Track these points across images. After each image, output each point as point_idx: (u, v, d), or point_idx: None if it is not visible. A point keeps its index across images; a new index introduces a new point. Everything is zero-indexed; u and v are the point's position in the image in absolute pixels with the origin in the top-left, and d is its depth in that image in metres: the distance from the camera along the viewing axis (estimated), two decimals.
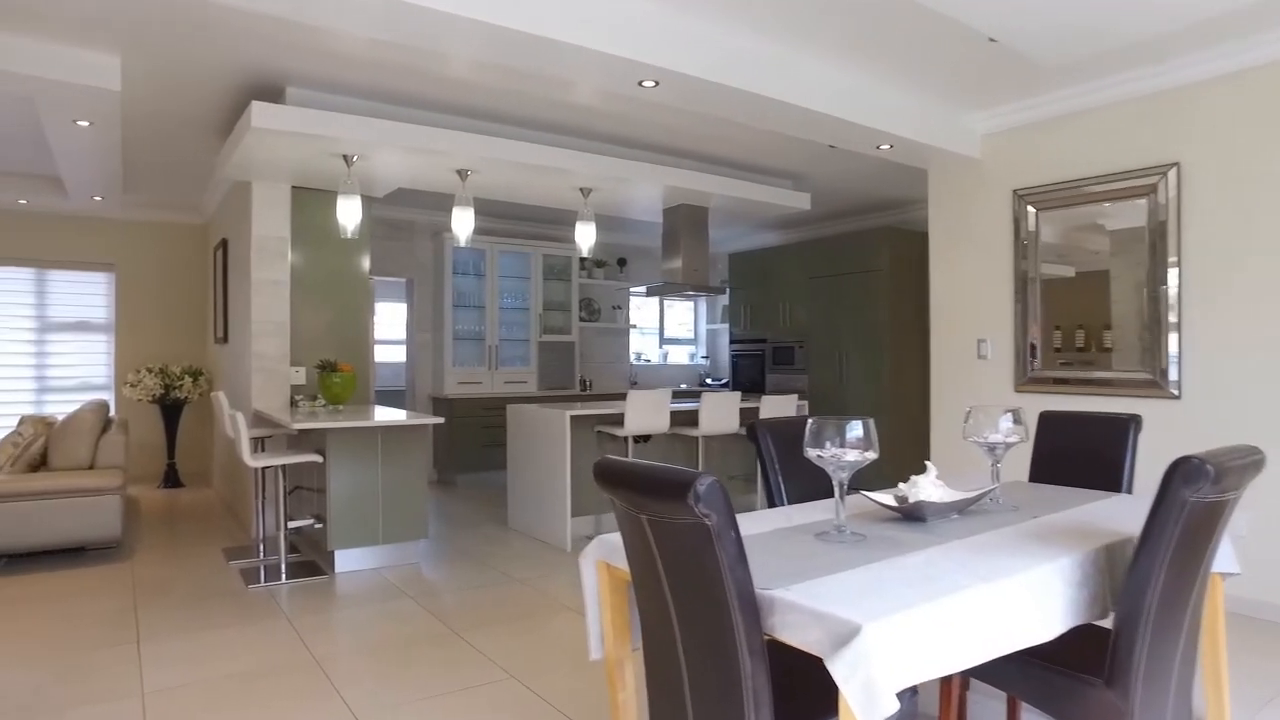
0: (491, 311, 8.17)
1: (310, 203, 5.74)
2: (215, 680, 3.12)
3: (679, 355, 10.46)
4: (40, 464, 5.13)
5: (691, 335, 10.66)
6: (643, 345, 10.10)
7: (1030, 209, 4.68)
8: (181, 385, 7.45)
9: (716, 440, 6.22)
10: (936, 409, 5.28)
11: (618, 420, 5.48)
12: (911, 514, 2.33)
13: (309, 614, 3.91)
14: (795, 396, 6.15)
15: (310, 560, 4.82)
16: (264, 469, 5.08)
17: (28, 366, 7.67)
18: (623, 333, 9.59)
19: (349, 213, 4.85)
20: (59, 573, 4.65)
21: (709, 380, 10.11)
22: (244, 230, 5.75)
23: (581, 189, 5.81)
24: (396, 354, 9.09)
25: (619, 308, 9.46)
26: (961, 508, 2.40)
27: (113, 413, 7.75)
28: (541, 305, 8.49)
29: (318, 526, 4.57)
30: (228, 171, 5.28)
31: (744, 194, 6.20)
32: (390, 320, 9.18)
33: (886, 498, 2.41)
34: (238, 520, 6.04)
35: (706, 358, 10.46)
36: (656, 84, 3.72)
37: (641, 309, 10.05)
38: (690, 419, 5.77)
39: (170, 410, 7.55)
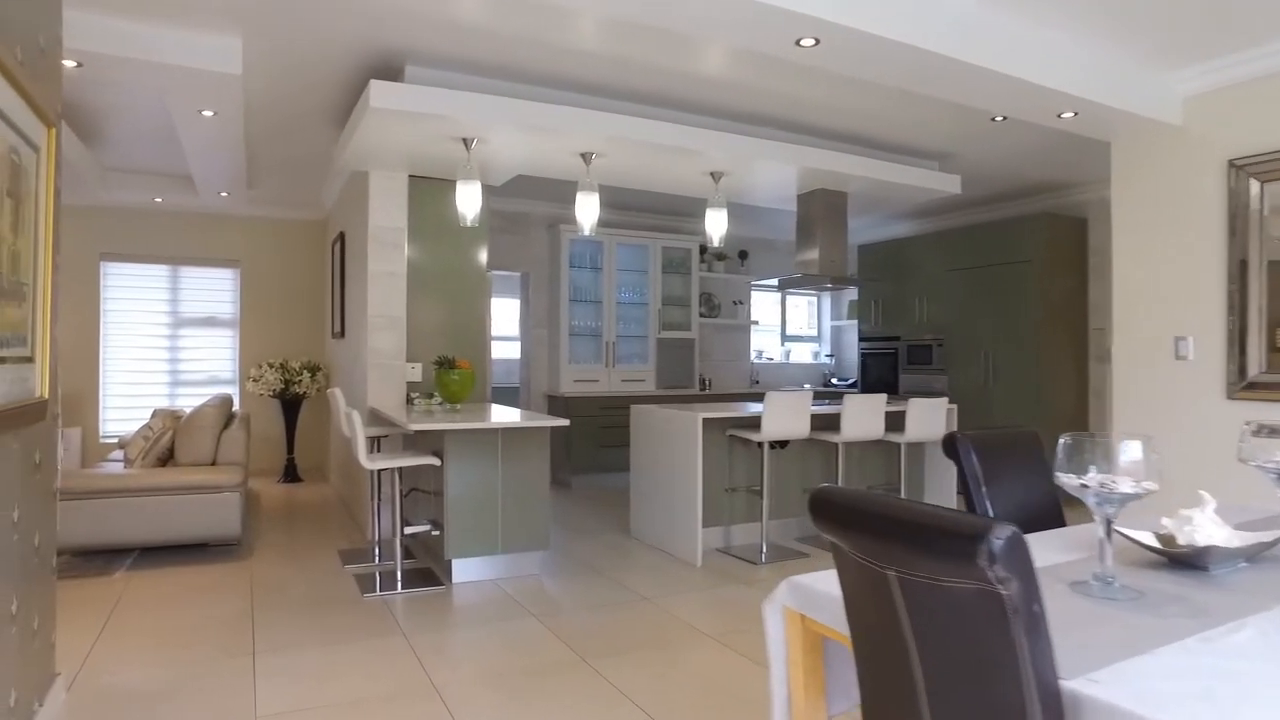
0: (609, 306, 7.84)
1: (427, 193, 5.52)
2: (331, 707, 2.84)
3: (801, 353, 9.90)
4: (168, 458, 5.08)
5: (814, 332, 10.07)
6: (763, 343, 9.58)
7: (1254, 182, 3.95)
8: (300, 380, 7.42)
9: (855, 447, 5.68)
10: (1120, 417, 4.59)
11: (752, 424, 5.02)
12: (1189, 561, 1.79)
13: (426, 631, 3.62)
14: (945, 400, 5.54)
15: (426, 567, 4.57)
16: (380, 471, 4.86)
17: (162, 360, 7.82)
18: (743, 329, 9.10)
19: (468, 199, 4.57)
20: (183, 569, 4.55)
21: (834, 380, 9.50)
22: (361, 222, 5.58)
23: (712, 173, 5.37)
24: (510, 350, 8.89)
25: (740, 303, 8.98)
26: (1254, 554, 1.85)
27: (236, 407, 7.82)
28: (660, 300, 8.10)
29: (435, 534, 4.31)
30: (345, 160, 5.09)
31: (888, 176, 5.62)
32: (504, 316, 8.98)
33: (1147, 536, 1.87)
34: (353, 519, 5.89)
35: (831, 356, 9.85)
36: (816, 42, 3.24)
37: (761, 305, 9.54)
38: (828, 423, 5.25)
39: (289, 405, 7.55)
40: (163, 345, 7.83)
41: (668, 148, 4.78)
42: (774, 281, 9.19)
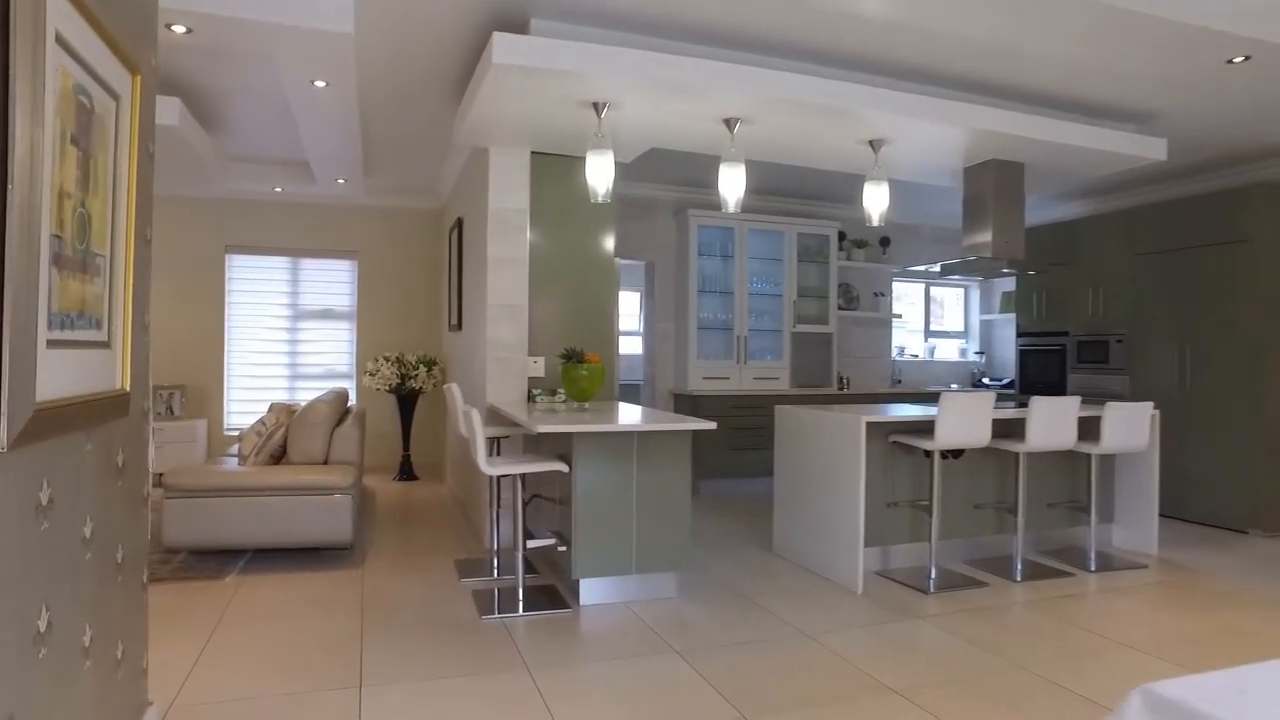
0: (740, 298, 7.23)
1: (551, 171, 5.06)
2: None
3: (946, 350, 9.01)
4: (281, 455, 4.81)
5: (961, 327, 9.16)
6: (902, 339, 8.75)
7: None
8: (416, 375, 7.14)
9: (1036, 458, 4.89)
10: None
11: (920, 429, 4.33)
12: None
13: (552, 666, 3.12)
14: (1148, 406, 4.68)
15: (549, 585, 4.10)
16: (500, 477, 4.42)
17: (282, 353, 7.72)
18: (884, 323, 8.31)
19: (600, 172, 4.06)
20: (294, 575, 4.24)
21: (985, 380, 8.58)
22: (480, 204, 5.17)
23: (871, 142, 4.69)
24: (631, 345, 8.41)
25: (880, 294, 8.19)
26: None
27: (352, 401, 7.63)
28: (795, 291, 7.43)
29: (561, 549, 3.82)
30: (464, 134, 4.68)
31: (1078, 141, 4.78)
32: (624, 308, 8.50)
33: None
34: (470, 525, 5.50)
35: (981, 353, 8.92)
36: None
37: (902, 298, 8.72)
38: (1005, 430, 4.49)
39: (405, 400, 7.29)
40: (283, 338, 7.73)
41: (823, 109, 4.15)
42: (920, 269, 8.36)
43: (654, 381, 7.40)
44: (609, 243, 5.22)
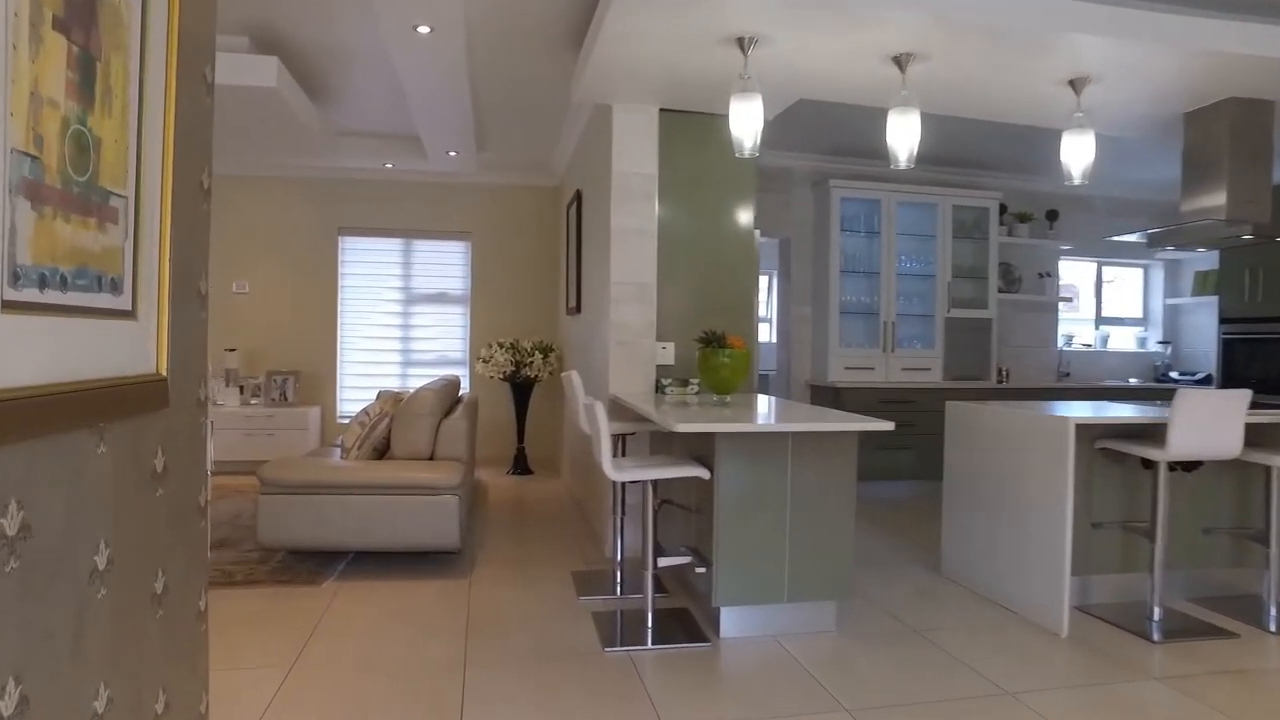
0: (887, 278, 6.42)
1: (683, 131, 4.44)
2: None
3: (1122, 339, 7.88)
4: (385, 448, 4.40)
5: (1139, 313, 8.00)
6: (1069, 326, 7.69)
7: None
8: (531, 362, 6.68)
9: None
10: None
11: (1138, 433, 3.49)
12: None
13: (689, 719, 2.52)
14: None
15: (682, 609, 3.49)
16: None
17: (394, 338, 7.43)
18: (1048, 308, 7.30)
19: (746, 122, 3.41)
20: (395, 583, 3.80)
21: (1173, 374, 7.43)
22: (602, 171, 4.61)
23: (1072, 81, 3.84)
24: (762, 331, 7.71)
25: (1046, 275, 7.18)
26: None
27: (465, 389, 7.26)
28: (950, 271, 6.56)
29: (699, 571, 3.19)
30: (585, 86, 4.11)
31: None
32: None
33: None
34: (589, 529, 4.97)
35: (1166, 343, 7.75)
36: None
37: (1067, 279, 7.66)
38: (1251, 438, 3.58)
39: (520, 389, 6.84)
40: (395, 322, 7.43)
41: (1018, 38, 3.35)
42: (1127, 242, 7.29)
43: (789, 372, 6.69)
44: (748, 214, 4.56)
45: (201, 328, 2.00)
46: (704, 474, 3.06)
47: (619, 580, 3.81)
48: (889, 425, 2.93)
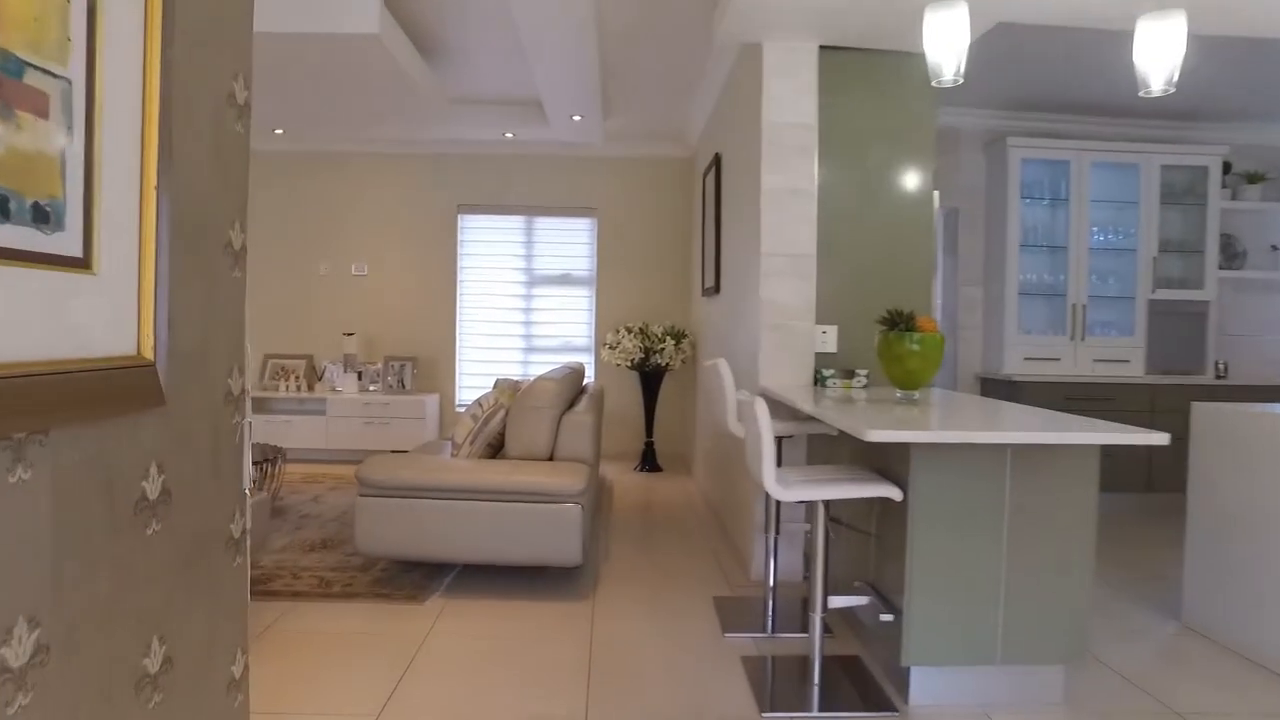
0: (1077, 254, 5.43)
1: (847, 74, 3.71)
2: None
3: None
4: (500, 445, 3.89)
5: None
6: None
7: None
8: (663, 349, 6.08)
9: None
10: None
11: None
12: None
13: None
14: None
15: (853, 658, 2.78)
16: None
17: (516, 322, 6.98)
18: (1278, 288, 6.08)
19: (946, 40, 2.65)
20: (507, 603, 3.27)
21: None
22: (749, 125, 3.92)
23: None
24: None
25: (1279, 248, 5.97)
26: None
27: (589, 378, 6.74)
28: (1156, 245, 5.50)
29: (884, 618, 2.48)
30: (730, 20, 3.43)
31: None
32: None
33: None
34: (729, 541, 4.31)
35: None
36: None
37: None
38: None
39: (650, 378, 6.25)
40: (517, 305, 6.99)
41: None
42: None
43: (955, 362, 5.80)
44: (925, 173, 3.77)
45: (234, 294, 1.47)
46: (895, 494, 2.34)
47: (771, 611, 3.14)
48: (1163, 437, 2.12)
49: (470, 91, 5.71)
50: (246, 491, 1.55)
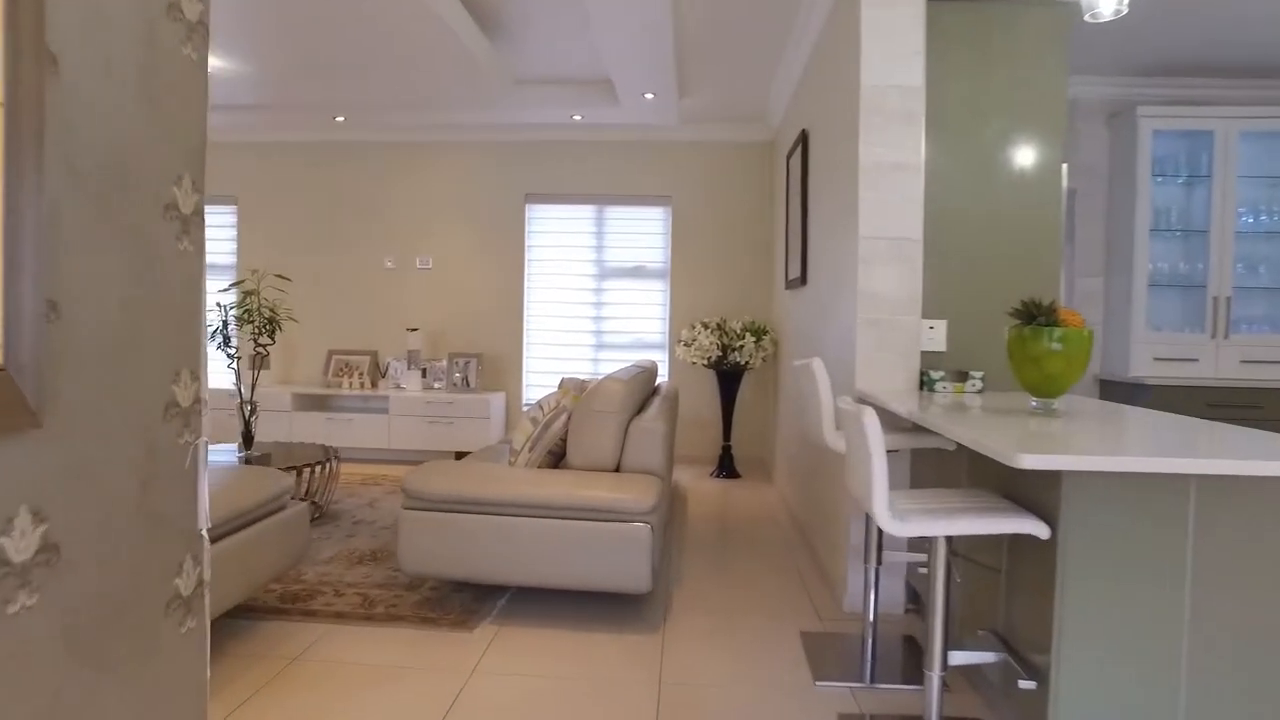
0: (1220, 239, 4.75)
1: (960, 28, 3.21)
2: None
3: None
4: (563, 451, 3.52)
5: None
6: None
7: None
8: (741, 346, 5.62)
9: None
10: None
11: None
12: None
13: None
14: None
15: None
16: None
17: (585, 317, 6.63)
18: None
19: None
20: (565, 633, 2.90)
21: None
22: (844, 91, 3.45)
23: None
24: None
25: None
26: None
27: (662, 378, 6.34)
28: None
29: (1025, 686, 1.99)
30: None
31: None
32: None
33: None
34: (815, 562, 3.84)
35: None
36: None
37: None
38: None
39: (727, 377, 5.81)
40: (587, 299, 6.63)
41: None
42: None
43: None
44: (1052, 147, 3.23)
45: (182, 272, 1.11)
46: (1040, 530, 1.85)
47: (870, 655, 2.68)
48: None
49: (536, 71, 5.37)
50: (204, 533, 1.18)
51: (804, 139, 4.51)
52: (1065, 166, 3.25)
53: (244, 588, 2.69)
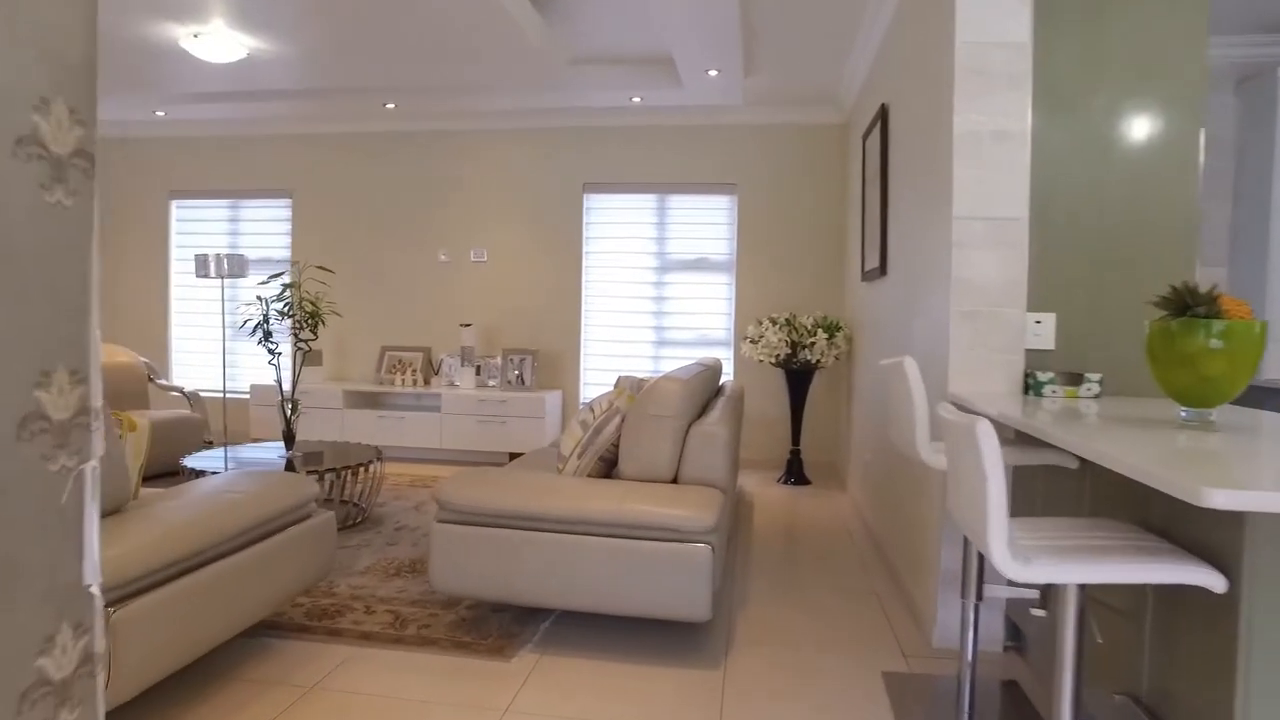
0: None
1: None
2: None
3: None
4: (614, 459, 3.19)
5: None
6: None
7: None
8: (812, 343, 5.21)
9: None
10: None
11: None
12: None
13: None
14: None
15: None
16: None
17: (647, 312, 6.29)
18: None
19: None
20: (615, 665, 2.57)
21: None
22: (934, 54, 3.03)
23: None
24: None
25: None
26: None
27: (727, 376, 5.97)
28: None
29: None
30: None
31: None
32: None
33: None
34: (898, 588, 3.42)
35: None
36: None
37: None
38: None
39: (797, 376, 5.40)
40: (648, 294, 6.29)
41: None
42: None
43: None
44: (1187, 113, 2.75)
45: (57, 236, 0.80)
46: (1214, 583, 1.44)
47: (968, 706, 2.28)
48: None
49: (592, 49, 5.04)
50: (93, 591, 0.88)
51: (883, 115, 4.08)
52: (1203, 134, 2.77)
53: (261, 605, 2.43)
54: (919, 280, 3.25)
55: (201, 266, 5.61)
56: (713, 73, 4.85)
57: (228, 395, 6.72)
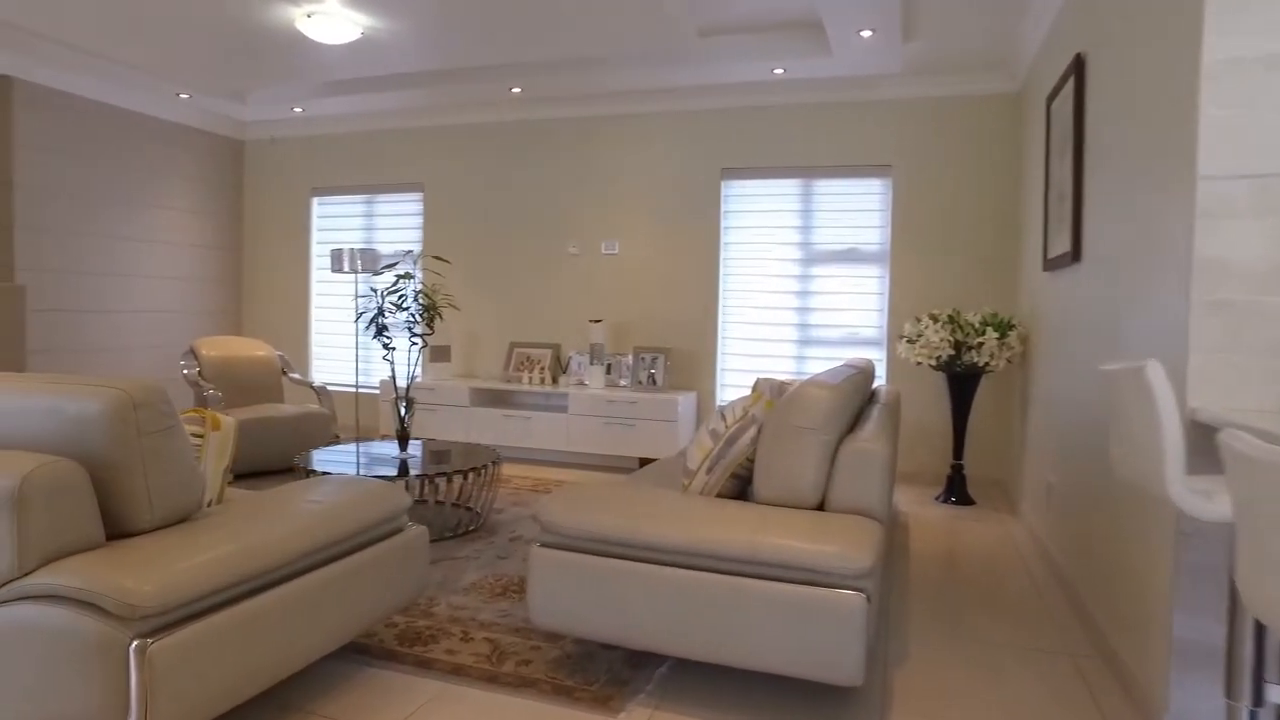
0: None
1: None
2: None
3: None
4: (749, 475, 2.72)
5: None
6: None
7: None
8: (980, 344, 4.53)
9: None
10: None
11: None
12: None
13: None
14: None
15: None
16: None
17: (790, 308, 5.76)
18: None
19: None
20: None
21: None
22: None
23: None
24: None
25: None
26: None
27: (880, 380, 5.35)
28: None
29: None
30: None
31: None
32: None
33: None
34: (1100, 642, 2.76)
35: None
36: None
37: None
38: None
39: (961, 381, 4.72)
40: (791, 289, 5.75)
41: None
42: None
43: None
44: None
45: None
46: None
47: None
48: None
49: (727, 18, 4.56)
50: None
51: (1078, 67, 3.39)
52: None
53: (334, 633, 2.13)
54: (1134, 264, 2.59)
55: (336, 261, 5.57)
56: (866, 34, 4.27)
57: (360, 390, 6.71)
